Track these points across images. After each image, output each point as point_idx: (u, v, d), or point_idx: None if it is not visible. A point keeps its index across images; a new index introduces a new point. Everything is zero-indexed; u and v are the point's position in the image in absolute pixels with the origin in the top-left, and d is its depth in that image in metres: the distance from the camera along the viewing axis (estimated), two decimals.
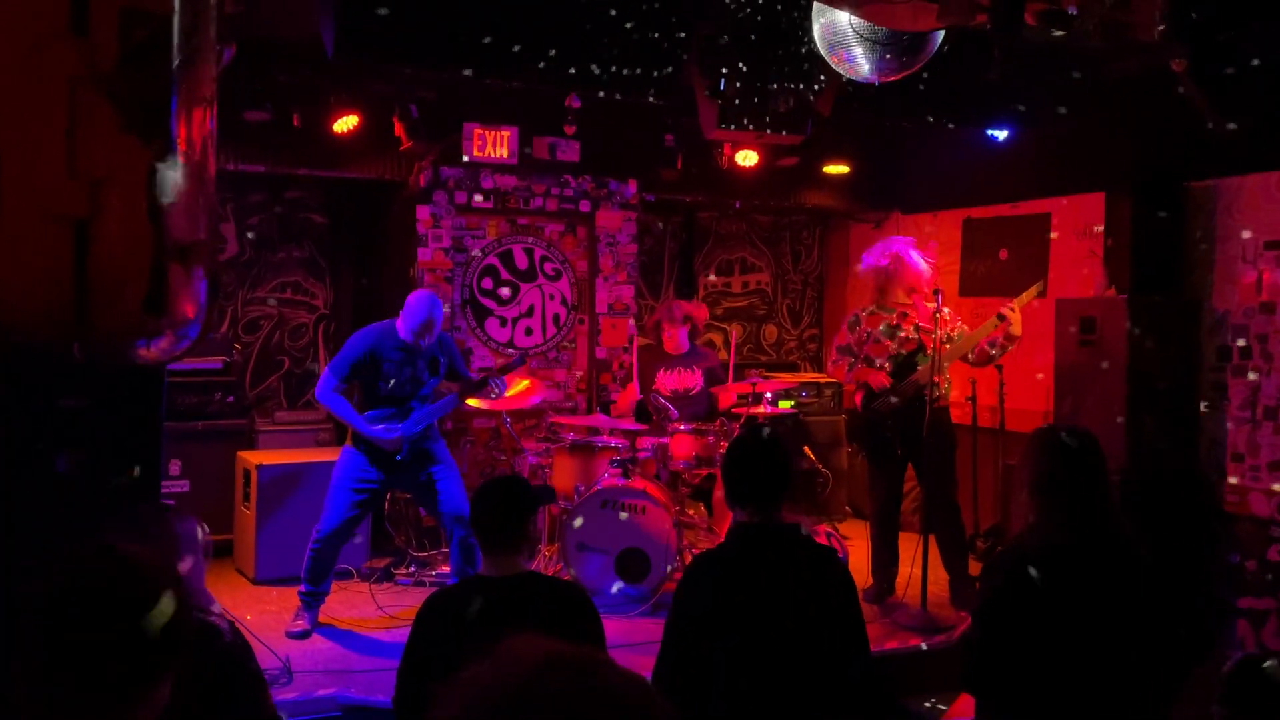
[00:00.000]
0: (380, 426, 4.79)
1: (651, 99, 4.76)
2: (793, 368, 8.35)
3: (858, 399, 5.55)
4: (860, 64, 2.90)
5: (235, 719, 2.09)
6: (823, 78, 4.35)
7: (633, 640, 4.70)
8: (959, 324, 5.47)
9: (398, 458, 4.81)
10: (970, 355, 5.41)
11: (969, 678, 2.65)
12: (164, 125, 1.43)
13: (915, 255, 5.54)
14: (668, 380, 6.12)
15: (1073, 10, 2.99)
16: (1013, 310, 5.18)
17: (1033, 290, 5.32)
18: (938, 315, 5.16)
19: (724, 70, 4.27)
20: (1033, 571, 2.52)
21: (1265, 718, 1.53)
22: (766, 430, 2.91)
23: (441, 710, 0.88)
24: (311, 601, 4.86)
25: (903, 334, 5.44)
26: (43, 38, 1.42)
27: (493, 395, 5.18)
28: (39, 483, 3.07)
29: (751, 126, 4.35)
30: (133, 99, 1.40)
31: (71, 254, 1.40)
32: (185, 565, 2.59)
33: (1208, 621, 5.21)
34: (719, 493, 5.84)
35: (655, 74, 4.86)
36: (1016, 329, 5.20)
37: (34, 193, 1.42)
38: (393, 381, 4.83)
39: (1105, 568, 2.56)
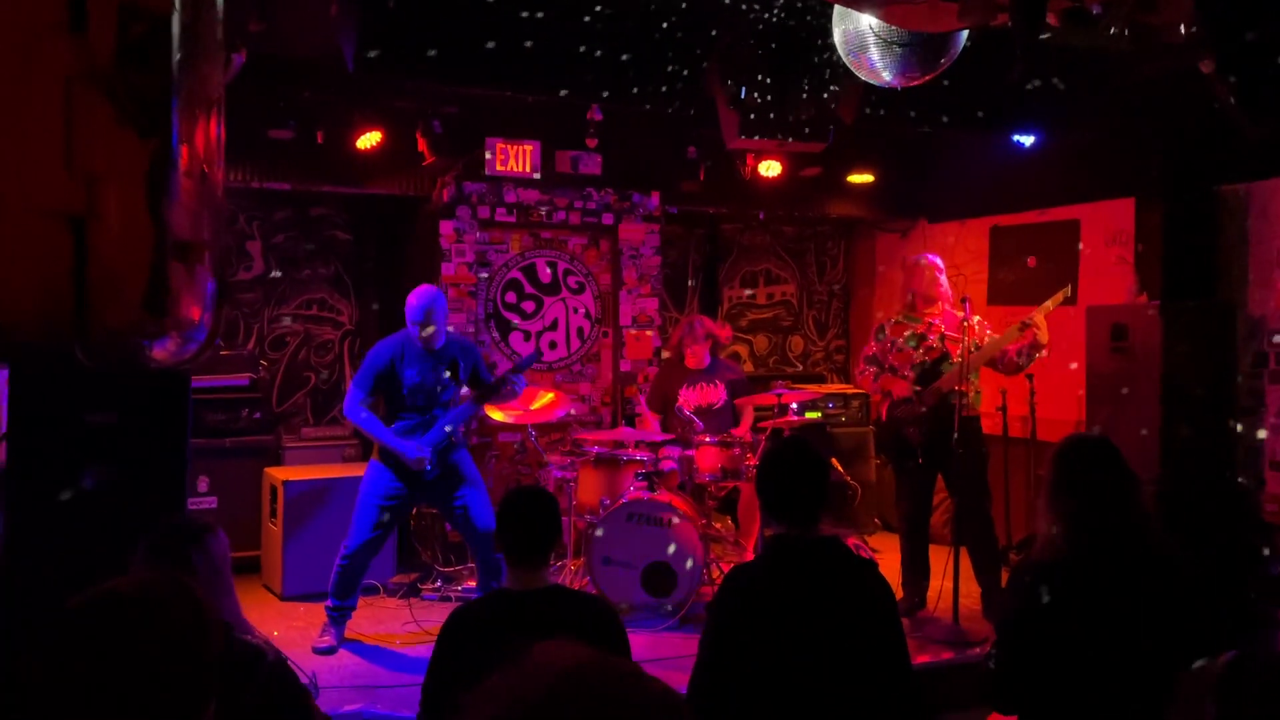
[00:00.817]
0: (410, 443, 4.78)
1: (673, 110, 4.74)
2: (819, 379, 8.28)
3: (884, 409, 5.49)
4: (882, 69, 2.87)
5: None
6: (843, 86, 4.32)
7: (660, 655, 4.65)
8: (988, 333, 5.39)
9: (426, 467, 4.80)
10: (999, 364, 5.32)
11: (993, 693, 2.60)
12: (163, 122, 1.43)
13: (931, 261, 5.47)
14: (690, 396, 6.08)
15: (1096, 10, 2.94)
16: (1035, 320, 5.07)
17: (1059, 296, 5.18)
18: (965, 324, 5.08)
19: (745, 80, 4.25)
20: (1043, 592, 2.47)
21: (1259, 715, 1.46)
22: (802, 441, 2.87)
23: (469, 717, 0.85)
24: (338, 617, 4.85)
25: (928, 343, 5.37)
26: (39, 34, 1.42)
27: (511, 395, 5.10)
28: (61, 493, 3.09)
29: (774, 135, 4.32)
30: (131, 96, 1.39)
31: (70, 252, 1.39)
32: (227, 583, 2.59)
33: (1246, 633, 5.10)
34: (743, 506, 5.80)
35: (677, 85, 4.85)
36: (1043, 336, 5.09)
37: (30, 190, 1.41)
38: (416, 388, 4.83)
39: (1128, 577, 2.49)
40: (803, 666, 2.54)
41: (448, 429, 4.84)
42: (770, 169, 6.69)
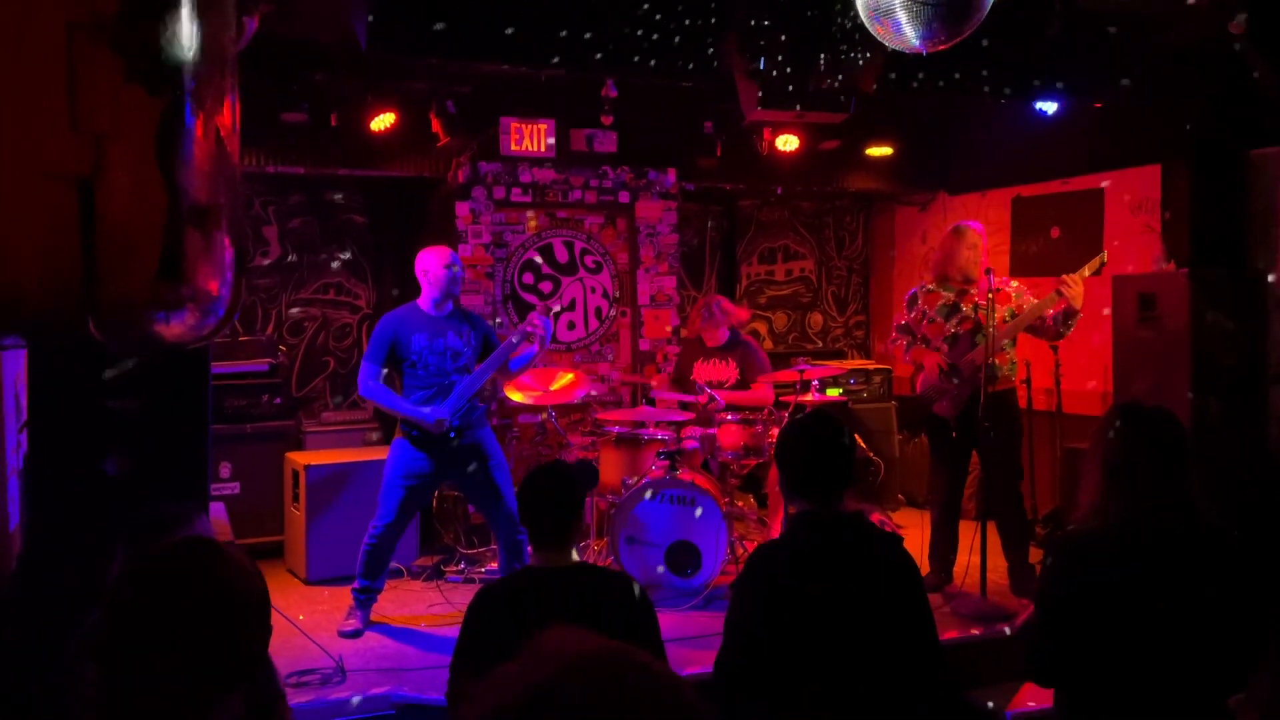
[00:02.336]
0: (427, 408, 4.75)
1: (690, 84, 4.67)
2: (839, 355, 8.22)
3: (918, 382, 5.39)
4: (906, 32, 2.79)
5: None
6: (864, 55, 4.24)
7: (685, 634, 4.63)
8: (1027, 298, 5.21)
9: (450, 435, 4.76)
10: (1040, 331, 5.13)
11: (1033, 665, 2.55)
12: (173, 77, 1.37)
13: (977, 228, 5.32)
14: (704, 371, 6.04)
15: None
16: (1071, 284, 4.94)
17: (1095, 262, 5.05)
18: (991, 294, 4.99)
19: (764, 51, 4.17)
20: (1091, 562, 2.41)
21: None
22: (826, 415, 2.81)
23: (472, 706, 0.85)
24: (365, 599, 4.85)
25: (960, 314, 5.25)
26: None
27: (539, 341, 4.96)
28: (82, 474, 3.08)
29: (793, 107, 4.25)
30: (137, 48, 1.34)
31: (76, 215, 1.34)
32: None
33: (1270, 607, 5.02)
34: (771, 484, 5.75)
35: (693, 59, 4.77)
36: (1077, 302, 4.97)
37: (33, 148, 1.36)
38: (425, 353, 4.80)
39: (1175, 550, 2.43)
40: (830, 643, 2.51)
41: (475, 385, 4.79)
42: (788, 143, 6.60)
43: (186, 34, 1.38)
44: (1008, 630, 4.75)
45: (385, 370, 4.83)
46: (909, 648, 2.59)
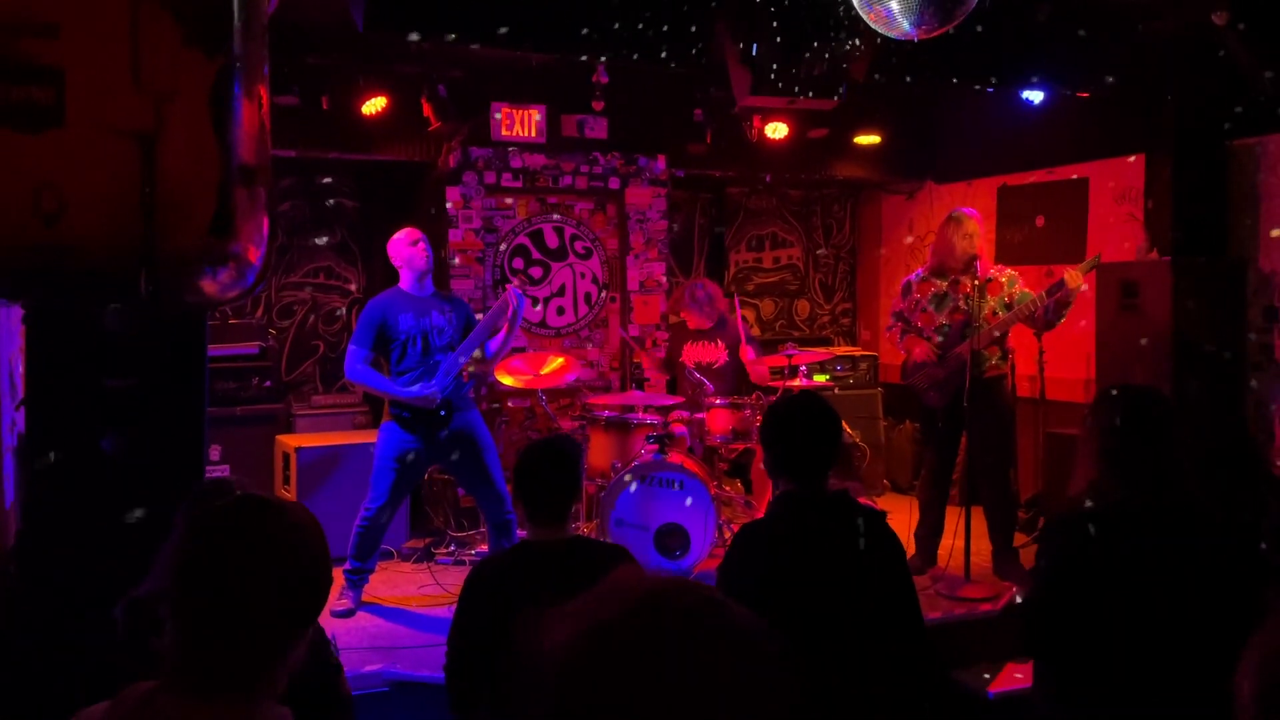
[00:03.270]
0: (416, 386, 4.80)
1: (681, 70, 4.70)
2: (826, 343, 8.28)
3: (908, 369, 5.44)
4: (899, 20, 2.84)
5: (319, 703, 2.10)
6: (857, 41, 4.28)
7: None
8: (1020, 287, 5.22)
9: (440, 413, 4.81)
10: (1032, 322, 5.17)
11: (1029, 641, 2.59)
12: (226, 42, 1.41)
13: (974, 215, 5.34)
14: (693, 353, 6.10)
15: None
16: (1072, 277, 4.93)
17: (1089, 261, 5.09)
18: (976, 283, 5.04)
19: (756, 36, 4.21)
20: (1090, 529, 2.46)
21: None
22: (810, 395, 2.86)
23: (549, 634, 0.87)
24: (356, 580, 4.89)
25: (952, 303, 5.27)
26: None
27: (513, 315, 4.99)
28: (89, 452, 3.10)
29: (785, 93, 4.28)
30: (195, 13, 1.38)
31: (138, 170, 1.38)
32: None
33: (1259, 587, 5.12)
34: (757, 468, 5.81)
35: (684, 45, 4.81)
36: (1073, 296, 4.97)
37: (98, 106, 1.40)
38: (412, 333, 4.85)
39: (1168, 528, 2.49)
40: (816, 621, 2.54)
41: (461, 359, 4.83)
42: (777, 131, 6.65)
43: (237, 2, 1.42)
44: (991, 610, 4.83)
45: (374, 355, 4.87)
46: (893, 624, 2.63)
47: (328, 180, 6.97)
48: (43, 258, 1.43)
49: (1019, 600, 2.99)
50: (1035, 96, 5.54)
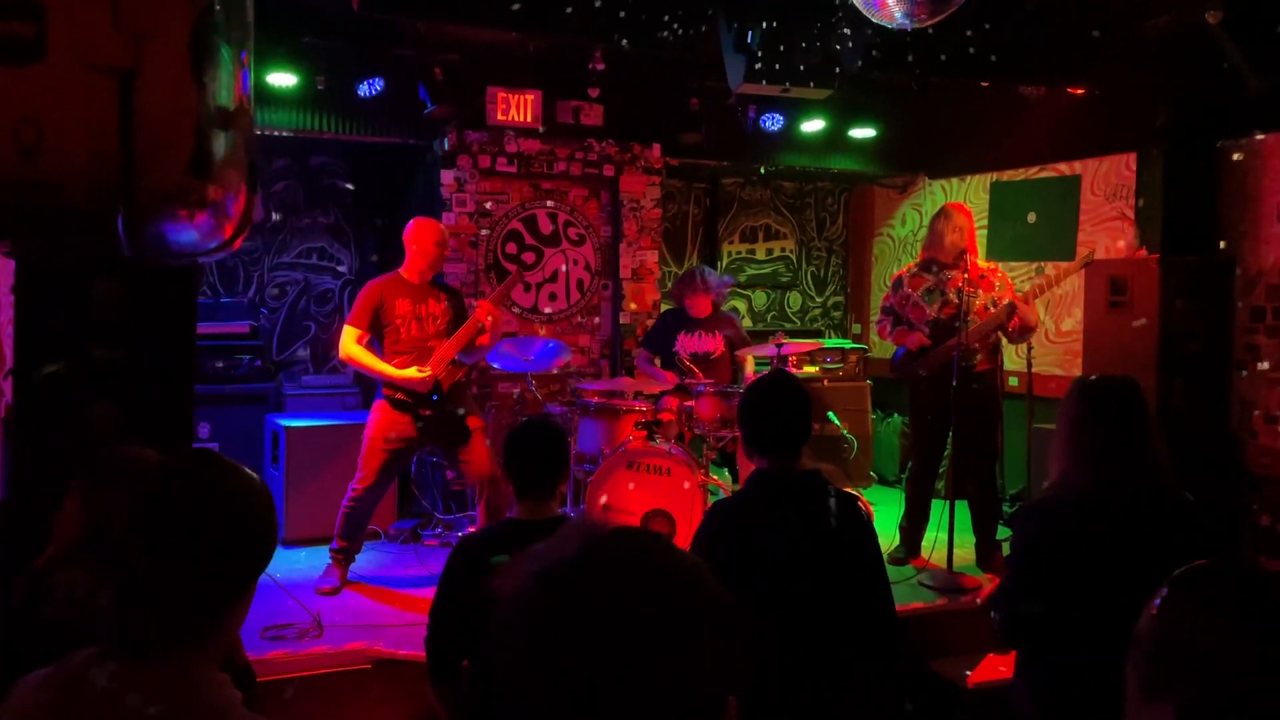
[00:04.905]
0: (410, 369, 4.82)
1: (677, 57, 4.71)
2: (817, 335, 8.31)
3: (898, 364, 5.47)
4: (893, 8, 2.86)
5: None
6: (852, 31, 4.30)
7: None
8: (1009, 292, 5.21)
9: (433, 397, 4.82)
10: (1006, 334, 5.20)
11: (1002, 628, 2.62)
12: None
13: (965, 209, 5.36)
14: (688, 343, 6.10)
15: None
16: (1023, 302, 4.99)
17: (1082, 257, 5.12)
18: (965, 278, 5.07)
19: (751, 24, 4.23)
20: (1062, 526, 2.48)
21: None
22: (783, 374, 2.87)
23: (508, 580, 0.92)
24: (343, 559, 4.90)
25: (943, 298, 5.27)
26: None
27: (490, 323, 5.02)
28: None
29: (780, 81, 4.30)
30: None
31: (116, 108, 1.40)
32: None
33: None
34: (742, 456, 5.83)
35: (680, 33, 4.82)
36: (1030, 319, 5.01)
37: (78, 43, 1.41)
38: (408, 318, 4.87)
39: (1141, 514, 2.52)
40: (784, 596, 2.56)
41: (451, 352, 4.85)
42: (772, 123, 6.67)
43: None
44: (973, 602, 4.87)
45: (368, 335, 4.89)
46: (860, 603, 2.66)
47: (322, 161, 6.97)
48: (23, 194, 1.45)
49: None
50: (1028, 91, 5.56)
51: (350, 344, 4.84)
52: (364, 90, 5.85)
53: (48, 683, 1.36)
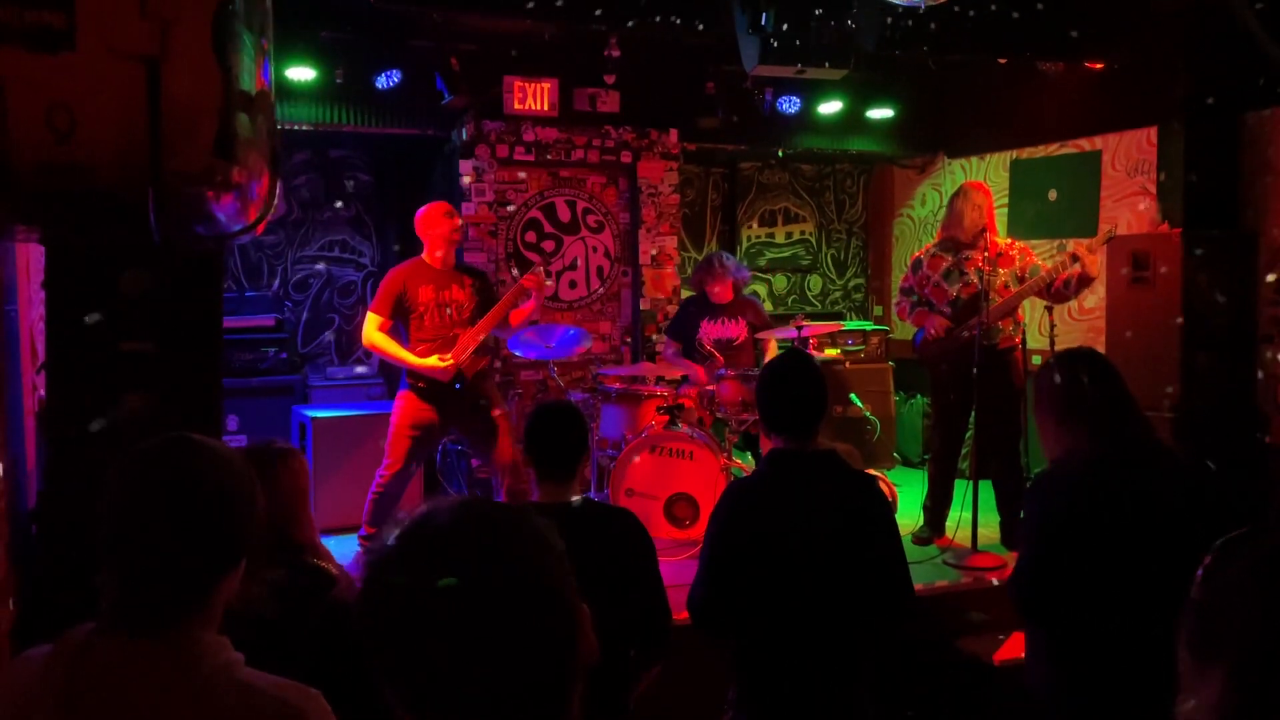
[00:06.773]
0: (433, 358, 4.86)
1: (692, 40, 4.71)
2: (839, 318, 8.30)
3: (920, 345, 5.46)
4: None
5: (336, 675, 1.91)
6: (866, 10, 4.29)
7: (683, 581, 4.72)
8: (1031, 260, 5.19)
9: (456, 386, 4.87)
10: (1048, 294, 5.12)
11: (1019, 602, 2.62)
12: None
13: (984, 187, 5.33)
14: (711, 329, 6.10)
15: None
16: (1086, 253, 4.89)
17: (1104, 234, 5.09)
18: (986, 255, 5.04)
19: (765, 5, 4.22)
20: (1073, 500, 2.48)
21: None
22: (799, 354, 2.88)
23: (388, 532, 1.05)
24: None
25: (964, 278, 5.22)
26: None
27: (536, 289, 5.06)
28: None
29: (795, 62, 4.29)
30: None
31: (144, 93, 1.46)
32: (306, 505, 2.62)
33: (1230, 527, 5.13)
34: (763, 439, 5.84)
35: (695, 17, 4.82)
36: (1093, 270, 4.93)
37: (107, 31, 1.47)
38: (431, 305, 4.91)
39: (1147, 479, 2.51)
40: (799, 575, 2.58)
41: (470, 350, 4.89)
42: (789, 105, 6.66)
43: None
44: (996, 581, 4.87)
45: (392, 322, 4.93)
46: (877, 583, 2.66)
47: (342, 154, 7.03)
48: (57, 178, 1.51)
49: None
50: (1048, 67, 5.51)
51: (372, 331, 4.89)
52: (382, 82, 5.89)
53: (50, 658, 1.41)
